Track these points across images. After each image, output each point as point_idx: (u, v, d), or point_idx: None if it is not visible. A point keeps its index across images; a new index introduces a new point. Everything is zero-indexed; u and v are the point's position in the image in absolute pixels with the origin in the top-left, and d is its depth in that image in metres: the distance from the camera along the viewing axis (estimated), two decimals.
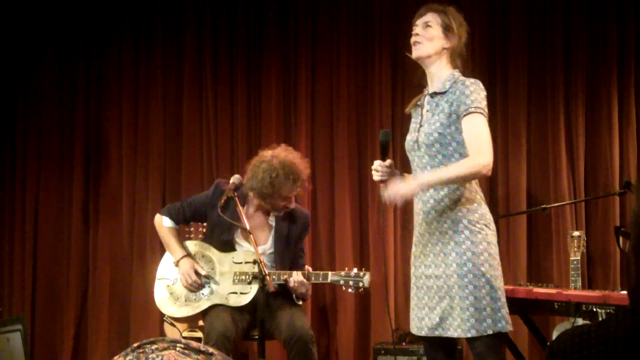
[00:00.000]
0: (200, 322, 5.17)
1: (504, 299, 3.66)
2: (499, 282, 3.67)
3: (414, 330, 3.85)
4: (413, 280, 3.88)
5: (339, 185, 6.75)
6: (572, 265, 5.61)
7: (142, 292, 6.56)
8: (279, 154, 4.90)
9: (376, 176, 3.84)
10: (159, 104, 6.99)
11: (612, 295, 4.21)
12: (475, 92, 3.69)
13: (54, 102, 7.09)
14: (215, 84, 6.94)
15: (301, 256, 5.10)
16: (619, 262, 6.32)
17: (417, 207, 3.85)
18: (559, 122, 6.51)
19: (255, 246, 4.47)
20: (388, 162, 3.83)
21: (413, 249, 3.91)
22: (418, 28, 3.86)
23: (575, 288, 5.40)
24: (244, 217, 4.63)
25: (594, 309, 4.31)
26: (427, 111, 3.81)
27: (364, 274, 4.73)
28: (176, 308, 4.90)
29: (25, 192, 7.05)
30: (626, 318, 1.56)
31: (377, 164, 3.83)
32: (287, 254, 4.97)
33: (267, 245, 4.94)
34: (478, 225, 3.68)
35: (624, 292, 4.23)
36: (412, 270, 3.89)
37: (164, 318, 5.10)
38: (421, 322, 3.78)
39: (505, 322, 3.64)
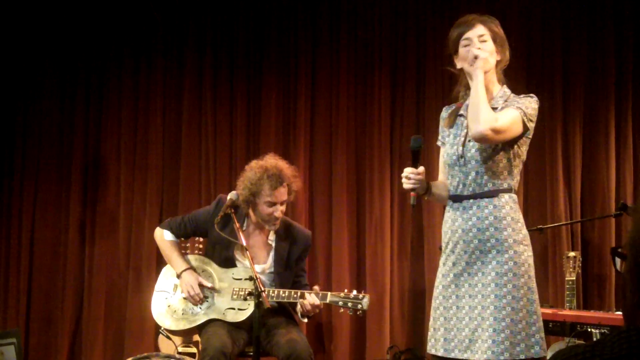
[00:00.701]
0: (196, 337, 5.15)
1: (540, 324, 3.56)
2: (536, 306, 3.56)
3: (439, 351, 3.67)
4: (440, 299, 3.71)
5: (337, 205, 6.76)
6: (568, 286, 5.62)
7: (138, 307, 6.57)
8: (264, 160, 4.90)
9: (407, 184, 3.66)
10: (158, 120, 7.00)
11: (607, 316, 4.23)
12: (527, 100, 3.65)
13: (53, 117, 7.09)
14: (214, 103, 6.95)
15: (302, 275, 5.06)
16: (615, 283, 6.33)
17: (455, 224, 3.70)
18: (556, 144, 6.53)
19: (252, 263, 4.42)
20: (421, 169, 3.67)
21: (441, 268, 3.75)
22: (475, 41, 3.66)
23: (570, 308, 5.41)
24: (241, 233, 4.57)
25: (589, 329, 4.33)
26: None
27: (363, 297, 4.69)
28: (173, 321, 4.88)
29: (22, 207, 7.04)
30: (621, 339, 1.56)
31: (409, 172, 3.66)
32: (287, 274, 4.95)
33: (266, 264, 4.93)
34: (522, 246, 3.59)
35: (619, 312, 4.25)
36: (439, 289, 3.72)
37: (160, 330, 5.08)
38: (449, 343, 3.63)
39: (539, 348, 3.51)
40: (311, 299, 4.67)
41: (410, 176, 3.66)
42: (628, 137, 6.53)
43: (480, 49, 3.64)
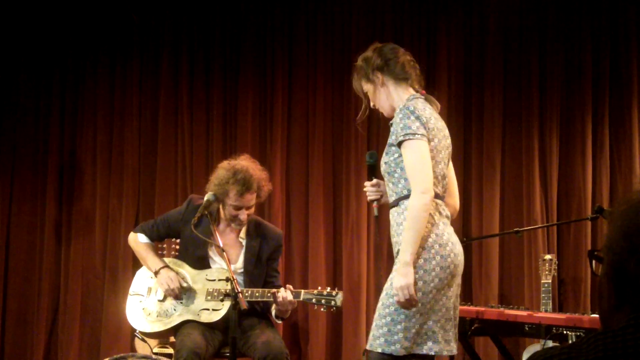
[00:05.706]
0: (172, 338, 5.13)
1: (408, 324, 3.53)
2: (417, 308, 3.54)
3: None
4: None
5: (314, 207, 6.75)
6: (543, 288, 5.65)
7: (114, 308, 6.53)
8: (236, 162, 4.89)
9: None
10: (134, 121, 6.95)
11: (583, 319, 4.25)
12: (404, 118, 3.60)
13: (28, 117, 7.02)
14: (191, 104, 6.92)
15: (275, 276, 5.04)
16: (590, 286, 6.37)
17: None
18: (533, 149, 6.57)
19: (228, 264, 4.41)
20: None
21: None
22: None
23: (546, 311, 5.44)
24: (218, 235, 4.60)
25: (564, 332, 4.34)
26: None
27: (337, 293, 4.70)
28: (148, 323, 4.87)
29: None
30: (597, 341, 1.57)
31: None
32: (258, 273, 4.93)
33: (237, 264, 4.90)
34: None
35: (595, 315, 4.27)
36: None
37: (135, 333, 5.07)
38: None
39: (400, 347, 3.52)
40: (285, 294, 4.67)
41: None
42: (604, 140, 6.57)
43: (373, 102, 3.88)
